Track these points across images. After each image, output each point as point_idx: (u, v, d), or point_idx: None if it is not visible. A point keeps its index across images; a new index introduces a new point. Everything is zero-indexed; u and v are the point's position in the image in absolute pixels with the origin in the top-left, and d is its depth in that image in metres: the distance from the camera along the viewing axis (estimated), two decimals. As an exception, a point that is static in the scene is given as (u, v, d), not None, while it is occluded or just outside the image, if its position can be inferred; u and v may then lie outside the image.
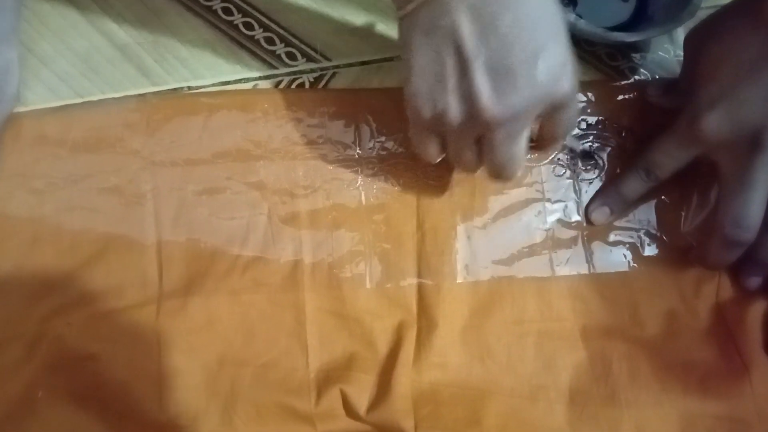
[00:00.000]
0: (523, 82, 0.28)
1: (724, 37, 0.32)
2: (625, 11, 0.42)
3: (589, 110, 0.40)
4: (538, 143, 0.35)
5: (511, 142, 0.30)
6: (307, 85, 0.39)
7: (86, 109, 0.38)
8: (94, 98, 0.38)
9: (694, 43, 0.35)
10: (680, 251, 0.38)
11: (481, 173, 0.34)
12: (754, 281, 0.36)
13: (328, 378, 0.35)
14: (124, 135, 0.37)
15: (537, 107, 0.30)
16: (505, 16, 0.27)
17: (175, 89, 0.38)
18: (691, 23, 0.37)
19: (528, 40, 0.28)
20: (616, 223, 0.38)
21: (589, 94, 0.40)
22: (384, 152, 0.38)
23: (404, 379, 0.34)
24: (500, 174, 0.32)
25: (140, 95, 0.38)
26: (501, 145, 0.30)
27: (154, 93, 0.38)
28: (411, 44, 0.29)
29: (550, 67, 0.28)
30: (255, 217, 0.37)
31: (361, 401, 0.34)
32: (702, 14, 0.37)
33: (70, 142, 0.37)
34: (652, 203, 0.39)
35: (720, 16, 0.34)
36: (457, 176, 0.38)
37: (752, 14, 0.31)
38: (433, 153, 0.33)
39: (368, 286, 0.36)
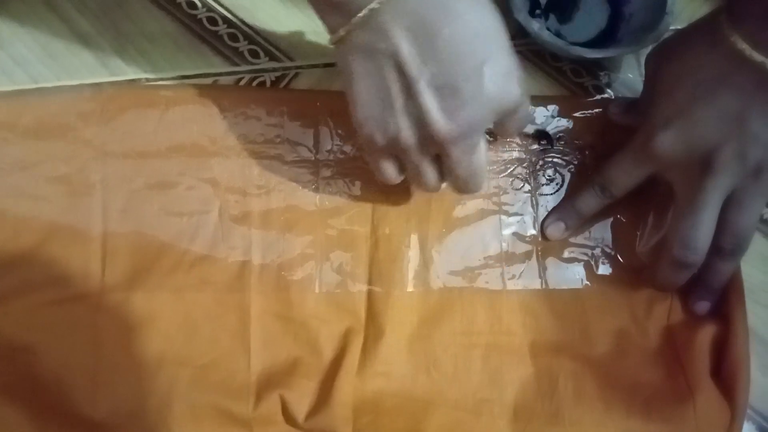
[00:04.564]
0: (470, 97, 0.28)
1: (681, 57, 0.32)
2: (594, 31, 0.41)
3: (551, 125, 0.40)
4: (494, 139, 0.36)
5: (471, 155, 0.30)
6: (268, 84, 0.39)
7: (40, 95, 0.37)
8: (49, 85, 0.37)
9: (653, 63, 0.35)
10: (634, 271, 0.37)
11: (445, 188, 0.33)
12: (703, 306, 0.35)
13: (269, 382, 0.34)
14: (77, 124, 0.36)
15: (488, 118, 0.29)
16: (444, 32, 0.27)
17: (132, 80, 0.38)
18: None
19: (469, 54, 0.27)
20: (572, 240, 0.38)
21: (552, 108, 0.40)
22: (342, 156, 0.38)
23: (346, 387, 0.34)
24: (466, 188, 0.32)
25: (96, 84, 0.37)
26: (461, 161, 0.30)
27: (110, 83, 0.38)
28: (351, 71, 0.29)
29: (496, 78, 0.28)
30: (205, 215, 0.36)
31: (301, 407, 0.33)
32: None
33: (21, 128, 0.36)
34: (609, 222, 0.38)
35: (679, 37, 0.34)
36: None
37: (709, 36, 0.31)
38: (392, 175, 0.32)
39: (317, 290, 0.36)
